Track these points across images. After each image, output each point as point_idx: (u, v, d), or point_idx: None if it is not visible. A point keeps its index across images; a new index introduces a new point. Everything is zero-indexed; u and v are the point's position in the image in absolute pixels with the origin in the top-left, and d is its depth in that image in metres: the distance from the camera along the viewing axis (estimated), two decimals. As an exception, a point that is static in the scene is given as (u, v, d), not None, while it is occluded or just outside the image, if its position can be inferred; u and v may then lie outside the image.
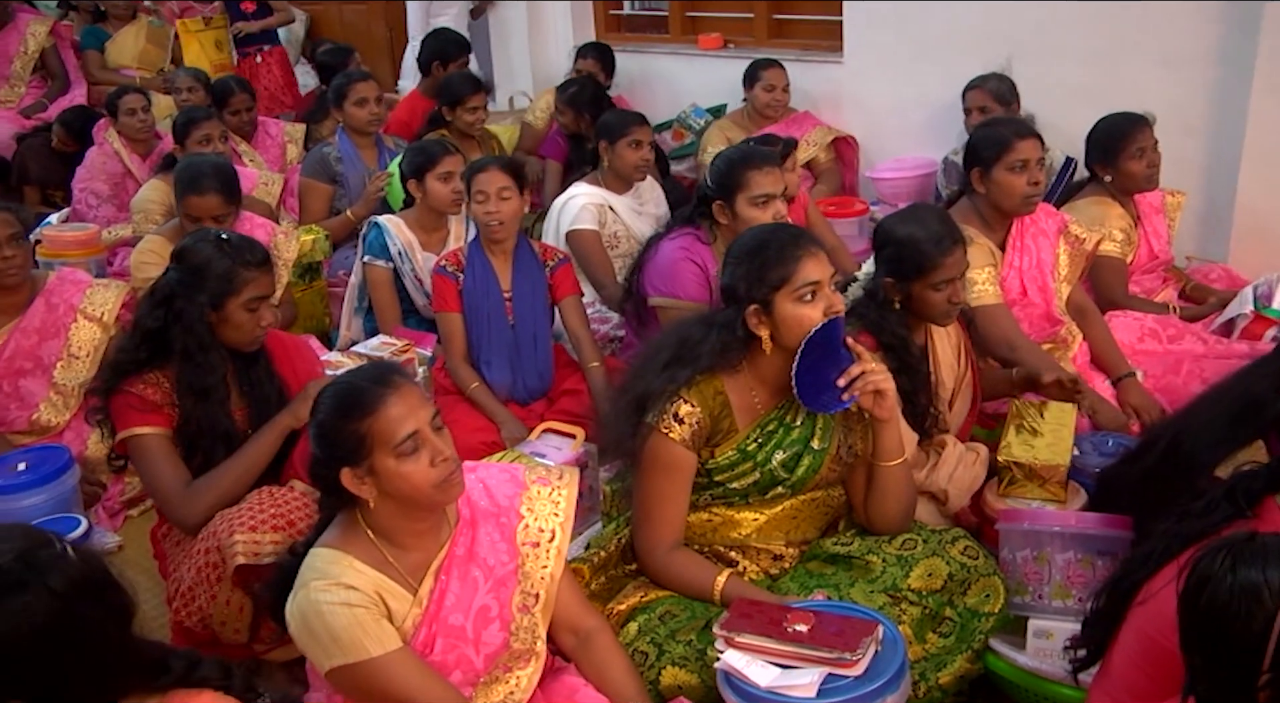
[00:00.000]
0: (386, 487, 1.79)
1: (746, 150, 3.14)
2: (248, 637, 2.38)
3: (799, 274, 2.11)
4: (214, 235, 2.47)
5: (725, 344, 2.17)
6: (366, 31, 6.91)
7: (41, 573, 1.29)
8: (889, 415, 2.18)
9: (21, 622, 1.26)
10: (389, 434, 1.76)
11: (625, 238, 3.96)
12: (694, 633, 2.07)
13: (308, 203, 4.51)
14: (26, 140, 5.80)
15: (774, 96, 4.83)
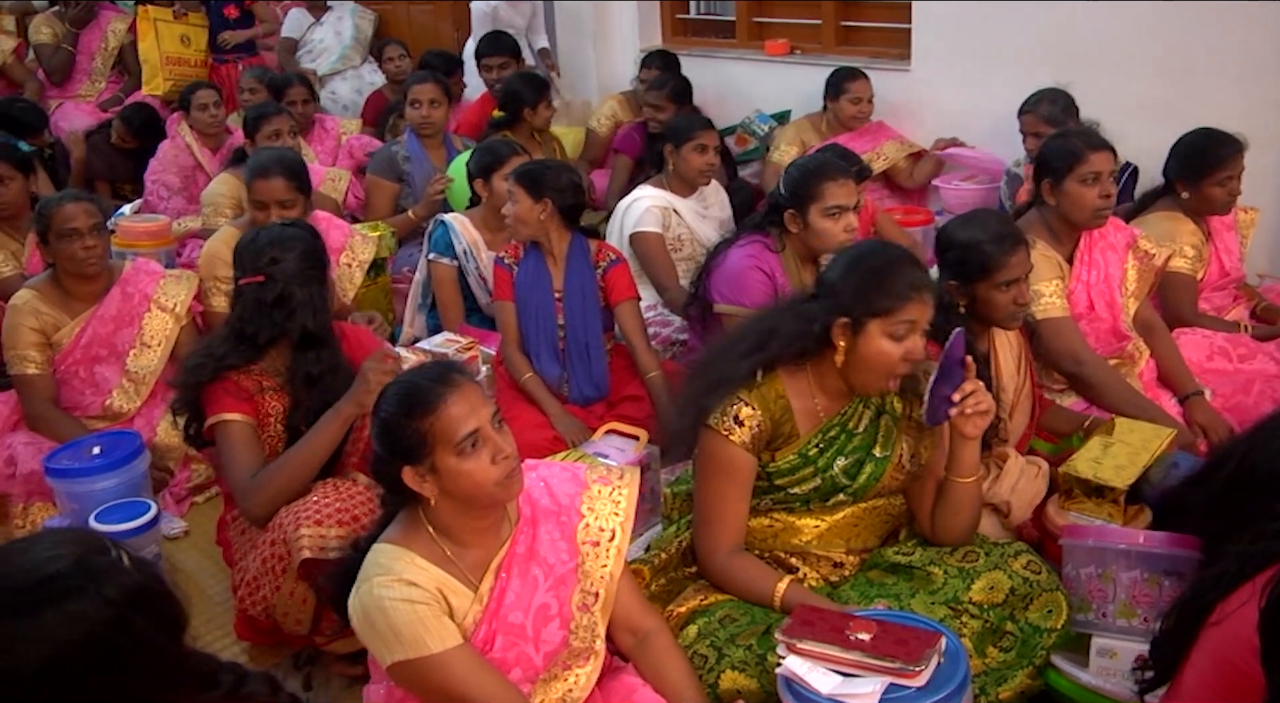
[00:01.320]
0: (448, 485, 1.80)
1: (822, 160, 3.13)
2: (309, 629, 2.42)
3: (902, 311, 2.09)
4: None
5: (800, 336, 2.15)
6: (434, 31, 6.96)
7: (97, 580, 1.26)
8: (976, 434, 2.16)
9: (76, 628, 1.23)
10: (450, 433, 1.78)
11: (689, 241, 3.96)
12: (754, 638, 2.07)
13: (373, 200, 4.57)
14: (92, 137, 5.93)
15: (859, 109, 4.82)
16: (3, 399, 3.37)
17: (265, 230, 2.60)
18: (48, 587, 1.24)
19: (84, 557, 1.29)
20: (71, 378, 3.33)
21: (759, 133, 5.17)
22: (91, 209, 3.26)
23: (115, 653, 1.26)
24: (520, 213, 3.19)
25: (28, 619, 1.23)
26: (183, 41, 6.28)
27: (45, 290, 3.30)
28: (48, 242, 3.23)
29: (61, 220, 3.19)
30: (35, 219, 3.27)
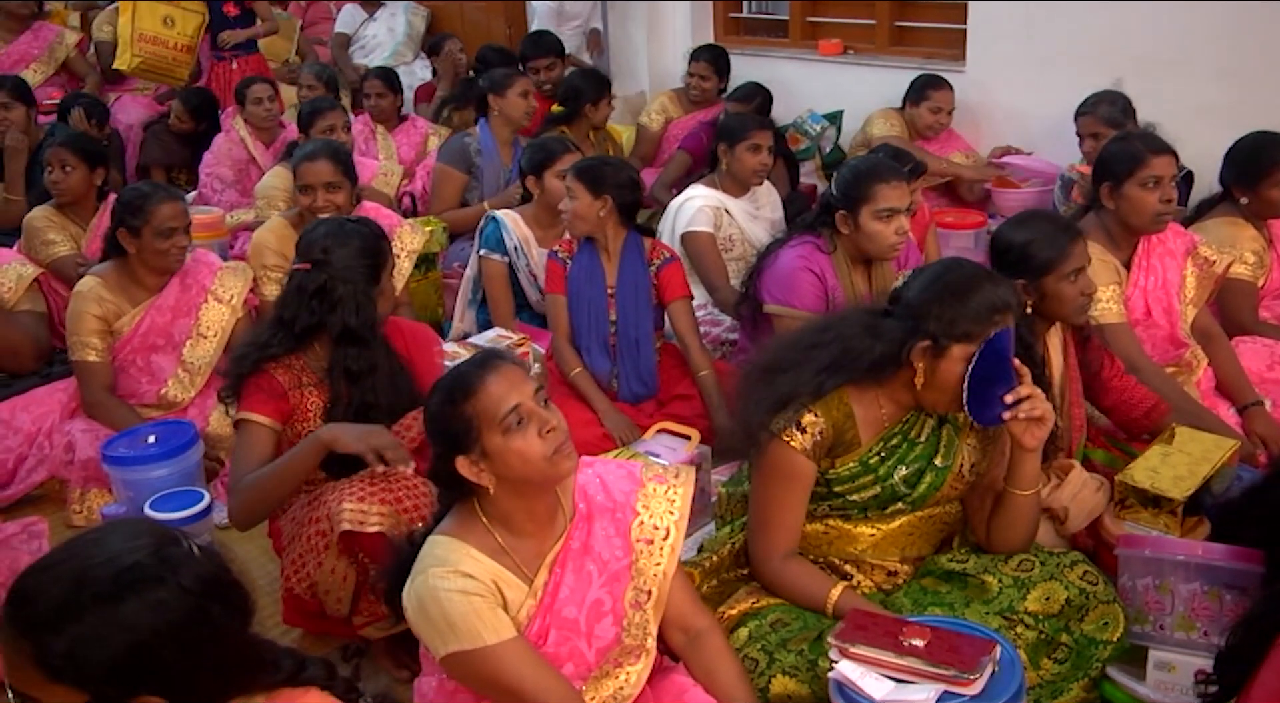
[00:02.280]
0: (501, 468, 1.80)
1: (875, 162, 3.10)
2: (348, 608, 2.42)
3: (985, 337, 2.06)
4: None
5: (883, 360, 2.12)
6: (486, 28, 6.99)
7: (175, 570, 1.30)
8: (1036, 445, 2.13)
9: (159, 617, 1.27)
10: (493, 411, 1.78)
11: (739, 241, 3.95)
12: (806, 643, 2.05)
13: (440, 189, 4.55)
14: (151, 126, 6.02)
15: (937, 119, 4.80)
16: (62, 387, 3.43)
17: (327, 222, 2.62)
18: (129, 577, 1.28)
19: (160, 548, 1.32)
20: (129, 366, 3.38)
21: (811, 133, 5.16)
22: (185, 209, 3.34)
23: (194, 639, 1.29)
24: (579, 209, 3.19)
25: (112, 608, 1.26)
26: (165, 22, 6.02)
27: (109, 278, 3.35)
28: (139, 234, 3.27)
29: (162, 219, 3.24)
30: (124, 210, 3.29)
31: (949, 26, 5.06)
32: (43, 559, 1.34)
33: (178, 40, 6.02)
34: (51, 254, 3.87)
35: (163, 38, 5.96)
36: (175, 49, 6.00)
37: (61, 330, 3.64)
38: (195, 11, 6.08)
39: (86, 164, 3.98)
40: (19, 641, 1.26)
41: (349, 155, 3.59)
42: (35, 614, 1.26)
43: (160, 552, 1.31)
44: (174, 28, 6.02)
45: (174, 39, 6.01)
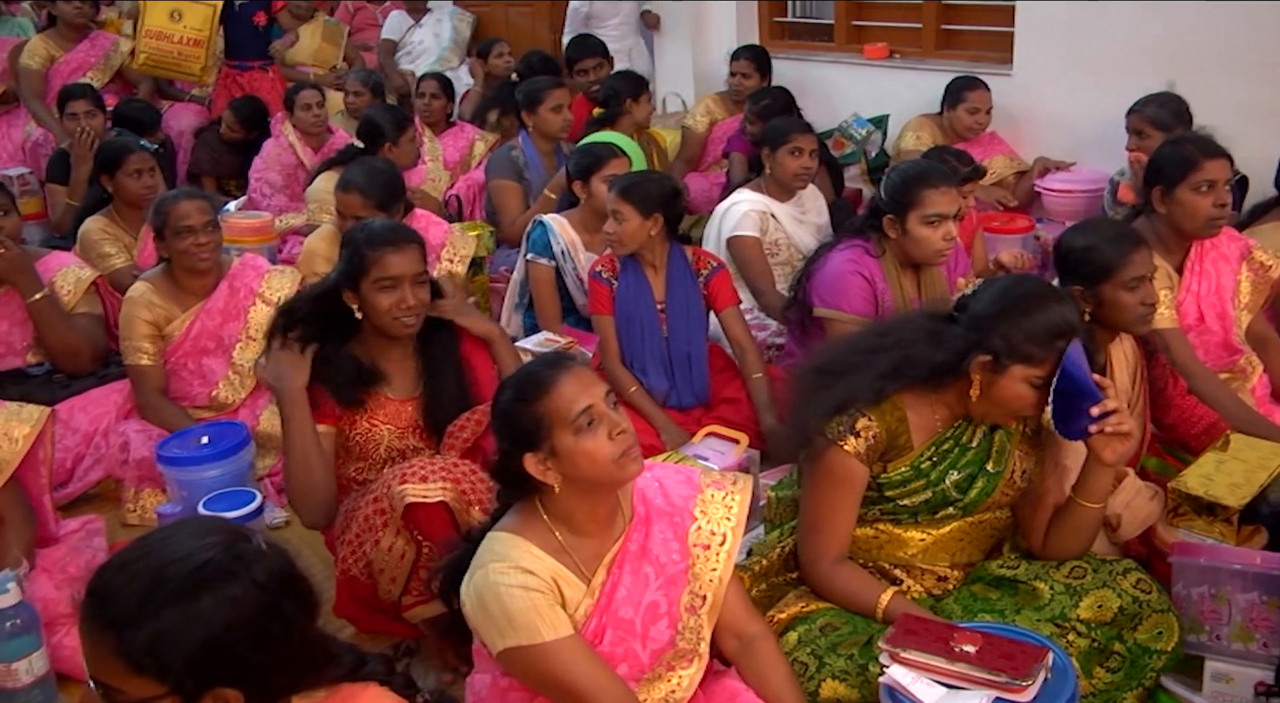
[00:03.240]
0: (568, 468, 1.81)
1: (924, 166, 3.08)
2: (401, 588, 2.44)
3: (1049, 361, 2.05)
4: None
5: (943, 369, 2.12)
6: (530, 33, 7.05)
7: (249, 566, 1.34)
8: (1115, 461, 2.11)
9: (234, 611, 1.31)
10: (565, 411, 1.79)
11: (786, 245, 3.95)
12: (856, 648, 2.05)
13: (504, 203, 4.53)
14: (202, 133, 6.10)
15: (976, 120, 4.77)
16: (117, 388, 3.48)
17: (368, 225, 2.64)
18: (205, 573, 1.31)
19: (233, 545, 1.36)
20: (180, 369, 3.43)
21: (856, 137, 5.13)
22: (205, 206, 3.36)
23: (267, 633, 1.33)
24: (629, 231, 3.16)
25: (190, 603, 1.29)
26: (172, 16, 5.94)
27: (158, 284, 3.40)
28: (164, 237, 3.33)
29: (177, 217, 3.28)
30: (152, 214, 3.37)
31: (996, 29, 5.02)
32: (119, 556, 1.37)
33: (184, 34, 5.94)
34: (109, 267, 3.94)
35: (168, 32, 5.92)
36: (181, 43, 5.93)
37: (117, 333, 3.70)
38: (206, 4, 5.99)
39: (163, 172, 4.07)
40: (101, 634, 1.29)
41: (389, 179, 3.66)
42: (116, 610, 1.29)
43: (233, 548, 1.35)
44: (181, 21, 5.94)
45: (180, 33, 5.94)
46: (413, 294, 2.49)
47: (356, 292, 2.51)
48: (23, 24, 6.79)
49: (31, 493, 2.70)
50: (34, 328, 3.53)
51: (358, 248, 2.51)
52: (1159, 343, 2.79)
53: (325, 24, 6.78)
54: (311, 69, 6.61)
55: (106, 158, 4.11)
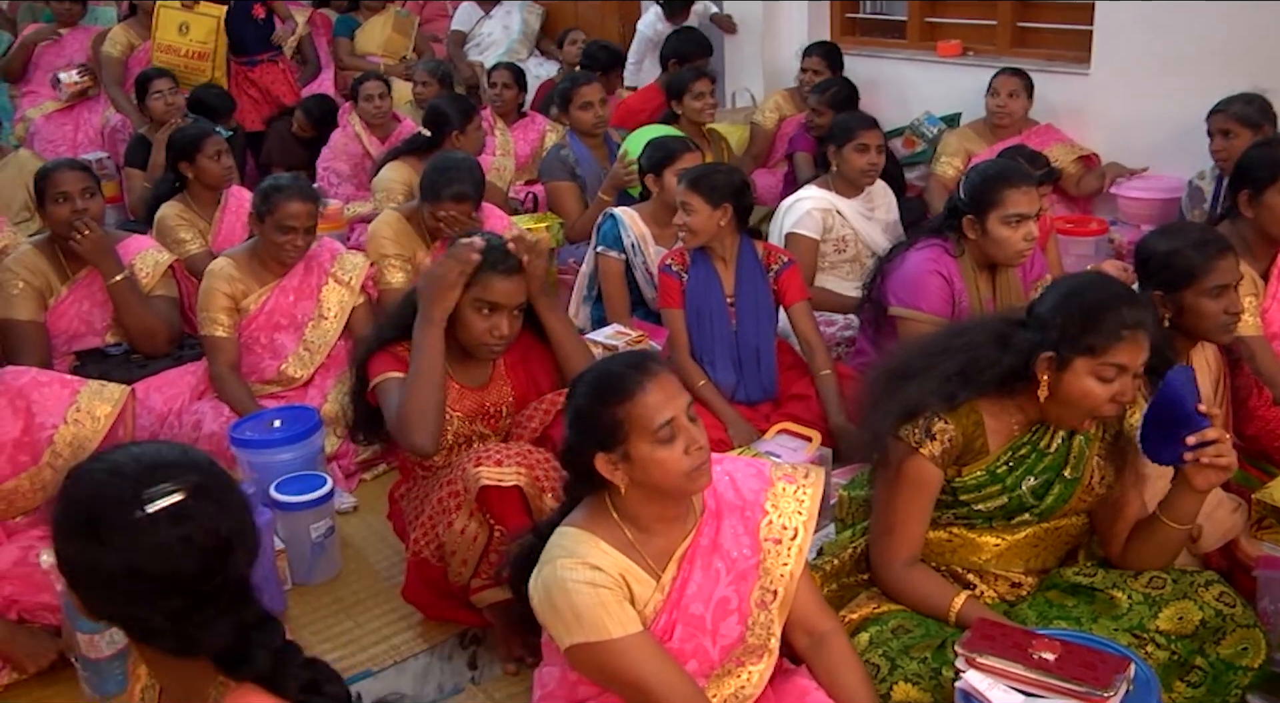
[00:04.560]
0: (639, 474, 1.81)
1: (1005, 166, 3.03)
2: (471, 571, 2.45)
3: (1113, 352, 2.00)
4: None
5: (1011, 373, 2.08)
6: (600, 26, 7.03)
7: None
8: (1207, 489, 2.06)
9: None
10: (647, 420, 1.79)
11: (853, 242, 3.91)
12: (929, 651, 2.02)
13: (561, 204, 4.54)
14: (273, 124, 6.18)
15: (998, 102, 4.67)
16: (190, 370, 3.54)
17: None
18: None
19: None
20: (254, 344, 3.49)
21: (928, 135, 5.08)
22: (313, 211, 3.44)
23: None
24: (698, 222, 3.15)
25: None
26: (180, 29, 6.00)
27: (240, 260, 3.47)
28: (263, 222, 3.39)
29: (284, 214, 3.35)
30: (260, 200, 3.41)
31: (1074, 27, 4.92)
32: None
33: (190, 48, 6.03)
34: (185, 252, 4.02)
35: (177, 46, 6.02)
36: (188, 56, 6.02)
37: (191, 316, 3.77)
38: (209, 15, 6.08)
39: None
40: None
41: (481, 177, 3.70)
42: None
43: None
44: (188, 34, 6.03)
45: (187, 46, 6.04)
46: (508, 324, 2.48)
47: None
48: (105, 13, 6.92)
49: (110, 471, 2.75)
50: (113, 309, 3.60)
51: None
52: (1243, 352, 2.73)
53: (396, 15, 6.83)
54: (381, 59, 6.65)
55: (184, 144, 4.18)
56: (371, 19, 6.82)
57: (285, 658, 1.32)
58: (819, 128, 4.74)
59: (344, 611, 2.75)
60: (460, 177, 3.58)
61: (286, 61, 6.44)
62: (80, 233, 3.46)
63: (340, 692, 1.34)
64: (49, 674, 2.48)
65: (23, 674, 2.47)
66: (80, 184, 3.52)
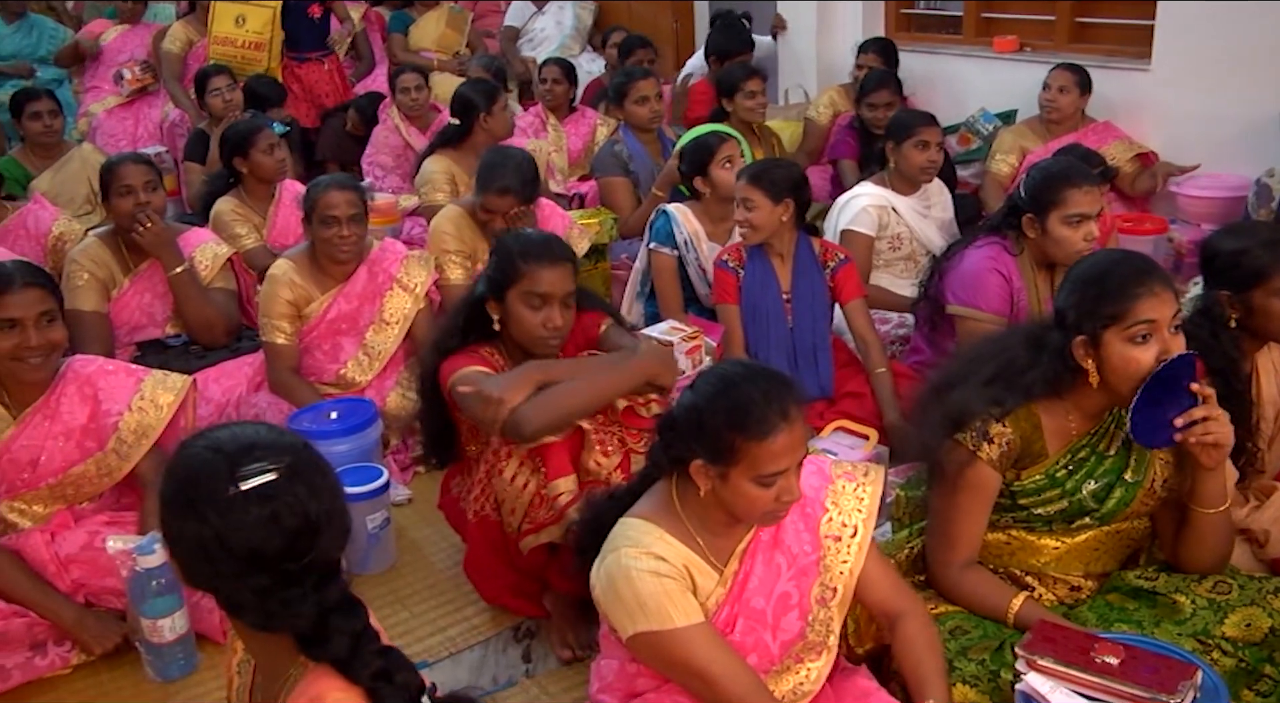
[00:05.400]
0: (724, 494, 1.80)
1: (1066, 164, 2.99)
2: (520, 520, 2.43)
3: (1134, 312, 1.96)
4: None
5: (1056, 373, 2.06)
6: (653, 23, 7.04)
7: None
8: (1214, 465, 2.03)
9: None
10: (762, 465, 1.75)
11: (908, 239, 3.88)
12: (987, 653, 2.00)
13: (614, 199, 4.55)
14: (328, 120, 6.25)
15: (1048, 97, 4.61)
16: (249, 361, 3.58)
17: (523, 235, 2.64)
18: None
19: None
20: (314, 349, 3.49)
21: (983, 132, 5.02)
22: (354, 199, 3.39)
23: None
24: (760, 218, 3.14)
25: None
26: (237, 22, 6.07)
27: (300, 263, 3.46)
28: (310, 221, 3.40)
29: (324, 206, 3.34)
30: (304, 200, 3.44)
31: (1135, 22, 4.84)
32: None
33: (246, 38, 6.10)
34: (241, 247, 4.07)
35: (233, 37, 6.09)
36: (244, 47, 6.09)
37: (249, 308, 3.81)
38: (266, 6, 6.15)
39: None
40: None
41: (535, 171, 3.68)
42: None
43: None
44: (244, 26, 6.09)
45: (243, 37, 6.10)
46: (560, 315, 2.46)
47: (501, 302, 2.49)
48: (165, 10, 7.03)
49: (172, 459, 2.80)
50: (173, 300, 3.65)
51: (510, 257, 2.49)
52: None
53: (450, 11, 6.87)
54: (434, 54, 6.70)
55: (237, 139, 4.23)
56: (425, 15, 6.87)
57: (362, 644, 1.35)
58: (878, 123, 4.70)
59: (399, 601, 2.77)
60: (506, 171, 3.56)
61: (335, 62, 6.51)
62: (143, 225, 3.51)
63: (412, 681, 1.36)
64: (114, 657, 2.54)
65: (89, 656, 2.53)
66: (144, 177, 3.57)
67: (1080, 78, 4.62)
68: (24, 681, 2.47)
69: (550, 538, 2.36)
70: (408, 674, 1.36)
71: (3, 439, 2.57)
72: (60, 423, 2.62)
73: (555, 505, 2.35)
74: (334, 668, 1.34)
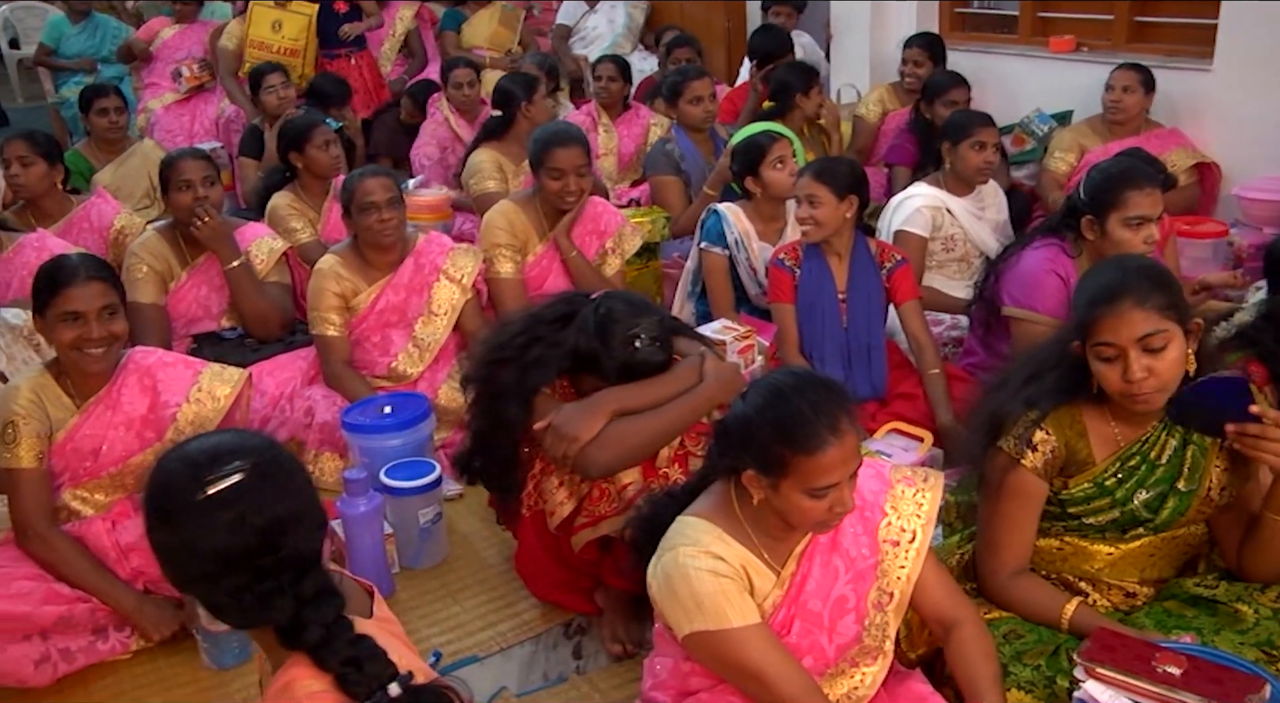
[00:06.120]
0: (777, 504, 1.80)
1: (1128, 166, 2.94)
2: (571, 508, 2.44)
3: (1097, 331, 1.97)
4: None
5: (1070, 378, 2.05)
6: (705, 22, 7.02)
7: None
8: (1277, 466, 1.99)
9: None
10: (812, 478, 1.74)
11: (962, 241, 3.85)
12: (1042, 658, 1.98)
13: (665, 198, 4.53)
14: (379, 115, 6.30)
15: (1113, 97, 4.53)
16: (303, 355, 3.63)
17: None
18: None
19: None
20: (364, 341, 3.53)
21: (1038, 133, 4.95)
22: (389, 184, 3.44)
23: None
24: (824, 214, 3.13)
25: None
26: (274, 27, 6.19)
27: (346, 257, 3.50)
28: (350, 213, 3.44)
29: (362, 194, 3.38)
30: (341, 190, 3.49)
31: (1198, 21, 4.75)
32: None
33: (282, 44, 6.20)
34: (296, 241, 4.12)
35: (269, 42, 6.18)
36: (279, 53, 6.17)
37: (302, 302, 3.85)
38: (302, 13, 6.24)
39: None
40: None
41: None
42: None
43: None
44: (280, 32, 6.20)
45: (279, 43, 6.20)
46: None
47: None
48: (221, 9, 7.14)
49: (228, 451, 2.83)
50: (229, 294, 3.71)
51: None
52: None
53: (502, 9, 6.90)
54: (487, 52, 6.73)
55: (293, 135, 4.29)
56: (479, 13, 6.91)
57: (334, 633, 1.40)
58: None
59: (450, 596, 2.79)
60: (560, 130, 3.64)
61: (367, 59, 6.55)
62: (201, 219, 3.57)
63: (383, 670, 1.40)
64: (172, 644, 2.59)
65: (148, 642, 2.58)
66: (202, 172, 3.63)
67: (1144, 77, 4.53)
68: (87, 664, 2.53)
69: (609, 530, 2.36)
70: (378, 664, 1.40)
71: (67, 429, 2.63)
72: (121, 413, 2.67)
73: (623, 497, 2.35)
74: (307, 656, 1.39)
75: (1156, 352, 1.94)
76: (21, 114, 7.99)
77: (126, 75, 6.93)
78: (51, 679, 2.48)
